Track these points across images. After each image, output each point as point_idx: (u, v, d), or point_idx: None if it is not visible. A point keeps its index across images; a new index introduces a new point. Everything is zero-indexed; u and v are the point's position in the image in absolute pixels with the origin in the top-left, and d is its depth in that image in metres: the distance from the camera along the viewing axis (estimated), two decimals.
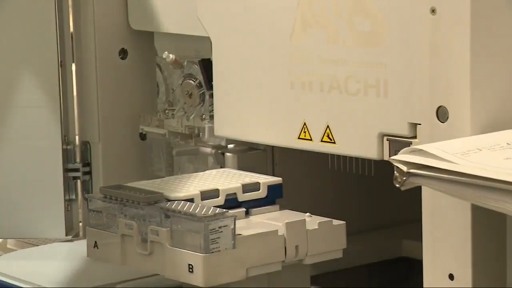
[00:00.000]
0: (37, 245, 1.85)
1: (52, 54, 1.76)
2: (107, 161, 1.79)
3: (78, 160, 1.81)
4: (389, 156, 1.39)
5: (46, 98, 1.78)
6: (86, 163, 1.81)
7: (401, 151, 1.26)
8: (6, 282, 1.61)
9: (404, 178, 1.21)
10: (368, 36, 1.42)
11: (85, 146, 1.80)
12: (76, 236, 1.81)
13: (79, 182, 1.81)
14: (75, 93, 1.80)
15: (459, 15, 1.30)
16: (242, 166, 1.63)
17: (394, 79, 1.40)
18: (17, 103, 1.81)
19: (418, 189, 1.29)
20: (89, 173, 1.80)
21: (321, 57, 1.48)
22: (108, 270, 1.53)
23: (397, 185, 1.23)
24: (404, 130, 1.40)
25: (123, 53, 1.78)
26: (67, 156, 1.80)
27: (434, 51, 1.34)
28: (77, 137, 1.81)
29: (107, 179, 1.75)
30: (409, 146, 1.33)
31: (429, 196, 1.35)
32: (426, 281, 1.37)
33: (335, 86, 1.47)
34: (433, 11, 1.33)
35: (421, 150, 1.22)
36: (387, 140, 1.42)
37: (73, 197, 1.81)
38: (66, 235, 1.79)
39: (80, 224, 1.81)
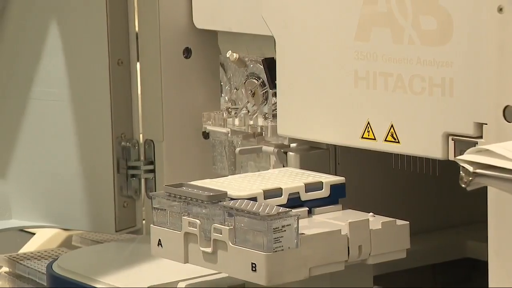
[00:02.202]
0: (101, 242, 1.84)
1: (106, 53, 1.78)
2: (170, 159, 1.79)
3: (141, 158, 1.81)
4: (454, 156, 1.38)
5: (100, 97, 1.80)
6: (150, 161, 1.80)
7: (467, 151, 1.22)
8: (70, 278, 1.60)
9: (470, 178, 1.18)
10: (434, 35, 1.40)
11: (149, 144, 1.81)
12: (138, 233, 1.83)
13: (142, 180, 1.81)
14: (139, 92, 1.81)
15: None
16: (305, 165, 1.61)
17: (460, 78, 1.38)
18: (72, 102, 1.83)
19: (483, 189, 1.25)
20: (152, 171, 1.81)
21: (385, 56, 1.46)
22: (171, 268, 1.51)
23: (463, 185, 1.20)
24: (470, 130, 1.37)
25: (187, 52, 1.78)
26: (129, 154, 1.82)
27: (501, 49, 1.31)
28: (141, 136, 1.82)
29: (171, 177, 1.75)
30: (475, 146, 1.32)
31: (495, 197, 1.33)
32: (491, 282, 1.35)
33: (400, 85, 1.45)
34: (500, 9, 1.31)
35: (488, 150, 1.19)
36: (452, 139, 1.40)
37: (132, 194, 1.83)
38: (116, 231, 1.82)
39: (144, 221, 1.83)
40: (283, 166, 1.63)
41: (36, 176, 1.88)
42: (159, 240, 1.46)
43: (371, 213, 1.46)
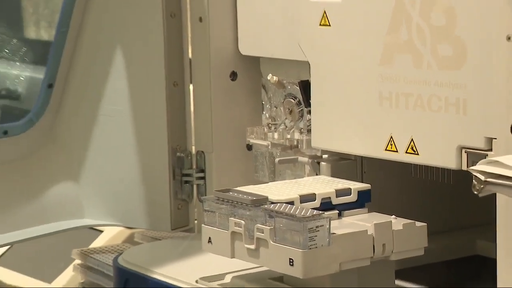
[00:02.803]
0: (159, 239, 1.83)
1: (163, 76, 1.77)
2: (219, 168, 1.77)
3: (194, 166, 1.79)
4: (467, 167, 1.35)
5: (158, 114, 1.79)
6: (201, 170, 1.78)
7: (479, 162, 1.21)
8: (133, 270, 1.60)
9: (482, 186, 1.16)
10: (450, 60, 1.37)
11: (200, 155, 1.79)
12: (190, 232, 1.81)
13: (194, 186, 1.79)
14: (192, 110, 1.79)
15: None
16: (335, 173, 1.58)
17: (473, 98, 1.35)
18: (135, 118, 1.82)
19: (492, 195, 1.22)
20: (203, 178, 1.79)
21: (407, 78, 1.43)
22: (219, 262, 1.49)
23: (475, 192, 1.18)
24: (481, 144, 1.34)
25: (233, 75, 1.76)
26: (183, 163, 1.80)
27: (510, 74, 1.29)
28: (193, 147, 1.80)
29: (219, 183, 1.73)
30: (485, 158, 1.28)
31: (503, 203, 1.30)
32: (499, 276, 1.32)
33: (419, 104, 1.42)
34: (509, 38, 1.28)
35: (497, 161, 1.17)
36: (465, 152, 1.37)
37: (185, 197, 1.81)
38: (172, 229, 1.80)
39: (195, 221, 1.80)
40: (316, 175, 1.61)
41: (104, 182, 1.87)
42: (209, 238, 1.44)
43: (393, 216, 1.43)
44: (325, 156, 1.60)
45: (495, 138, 1.32)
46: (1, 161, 1.84)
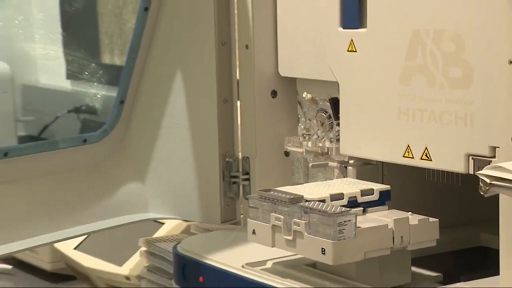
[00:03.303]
0: (211, 231, 1.81)
1: (215, 93, 1.75)
2: (261, 171, 1.75)
3: (240, 169, 1.77)
4: (474, 171, 1.33)
5: (211, 125, 1.77)
6: (246, 172, 1.76)
7: (485, 167, 1.18)
8: (189, 256, 1.59)
9: (487, 188, 1.14)
10: (459, 81, 1.35)
11: (246, 160, 1.76)
12: (237, 225, 1.78)
13: (240, 186, 1.77)
14: (239, 122, 1.77)
15: None
16: (360, 176, 1.56)
17: (479, 113, 1.33)
18: (191, 129, 1.81)
19: (495, 195, 1.20)
20: (248, 179, 1.76)
21: (422, 96, 1.41)
22: (261, 250, 1.47)
23: (482, 193, 1.16)
24: (486, 151, 1.32)
25: (274, 93, 1.74)
26: (231, 166, 1.77)
27: (510, 92, 1.27)
28: (240, 154, 1.78)
29: (261, 184, 1.71)
30: (489, 164, 1.26)
31: (505, 202, 1.28)
32: (502, 264, 1.30)
33: (432, 118, 1.39)
34: (510, 62, 1.26)
35: (501, 166, 1.15)
36: (472, 159, 1.34)
37: (233, 196, 1.78)
38: (221, 223, 1.78)
39: (241, 216, 1.78)
40: (344, 177, 1.58)
41: (165, 182, 1.85)
42: (253, 230, 1.42)
43: (410, 212, 1.40)
44: (351, 161, 1.57)
45: (498, 147, 1.30)
46: (81, 164, 1.84)
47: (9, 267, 2.32)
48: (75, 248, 2.10)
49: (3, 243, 1.68)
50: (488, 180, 1.13)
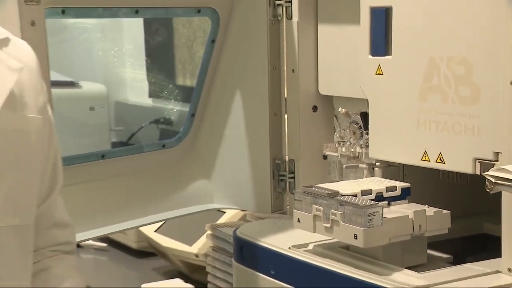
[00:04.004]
0: (263, 219, 1.78)
1: (267, 108, 1.74)
2: (304, 171, 1.72)
3: (287, 170, 1.74)
4: (480, 173, 1.30)
5: (264, 134, 1.76)
6: (292, 172, 1.74)
7: (490, 169, 1.16)
8: (246, 239, 1.57)
9: (493, 186, 1.12)
10: (468, 99, 1.32)
11: (291, 162, 1.73)
12: (284, 214, 1.76)
13: (287, 183, 1.74)
14: (286, 131, 1.75)
15: None
16: (385, 176, 1.53)
17: (484, 125, 1.30)
18: (247, 136, 1.80)
19: (498, 192, 1.17)
20: (293, 178, 1.73)
21: (437, 111, 1.37)
22: (304, 235, 1.44)
23: (487, 190, 1.13)
24: (490, 156, 1.29)
25: (315, 108, 1.70)
26: (279, 167, 1.75)
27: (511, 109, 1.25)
28: (287, 157, 1.75)
29: (304, 181, 1.68)
30: (493, 166, 1.24)
31: (507, 198, 1.24)
32: (503, 246, 1.27)
33: (445, 128, 1.36)
34: (511, 83, 1.23)
35: (504, 168, 1.13)
36: (478, 162, 1.31)
37: (281, 191, 1.76)
38: (271, 212, 1.76)
39: (288, 207, 1.76)
40: (372, 177, 1.55)
41: (227, 179, 1.85)
42: (298, 218, 1.40)
43: (426, 205, 1.37)
44: (378, 164, 1.54)
45: (501, 152, 1.26)
46: (160, 165, 1.85)
47: (105, 245, 2.35)
48: (155, 231, 2.11)
49: (101, 226, 1.69)
50: (493, 180, 1.11)
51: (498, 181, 1.11)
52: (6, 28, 1.25)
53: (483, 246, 1.48)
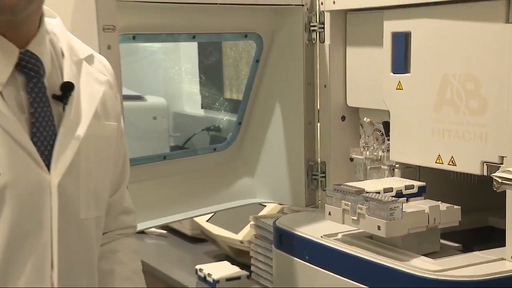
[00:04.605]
0: (298, 212, 1.76)
1: (302, 117, 1.72)
2: (334, 171, 1.70)
3: (319, 170, 1.73)
4: (487, 174, 1.27)
5: (299, 141, 1.74)
6: (323, 172, 1.72)
7: (497, 171, 1.14)
8: (284, 229, 1.56)
9: (499, 185, 1.11)
10: (477, 110, 1.30)
11: (323, 164, 1.72)
12: (316, 208, 1.74)
13: (319, 181, 1.73)
14: (318, 138, 1.73)
15: None
16: (403, 176, 1.51)
17: (491, 133, 1.28)
18: (286, 141, 1.78)
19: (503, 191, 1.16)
20: (324, 177, 1.72)
21: (450, 121, 1.36)
22: (334, 226, 1.43)
23: (494, 189, 1.11)
24: (496, 160, 1.27)
25: (343, 118, 1.68)
26: (312, 168, 1.73)
27: None
28: (319, 159, 1.73)
29: (334, 180, 1.67)
30: (498, 168, 1.22)
31: (511, 195, 1.22)
32: (508, 237, 1.24)
33: (457, 136, 1.34)
34: None
35: (509, 170, 1.11)
36: (486, 165, 1.29)
37: (314, 188, 1.74)
38: (306, 206, 1.75)
39: (319, 202, 1.75)
40: (392, 176, 1.54)
41: (268, 177, 1.83)
42: (329, 212, 1.39)
43: (440, 201, 1.35)
44: (397, 165, 1.52)
45: (505, 156, 1.24)
46: (211, 165, 1.84)
47: (165, 232, 2.35)
48: (207, 221, 2.11)
49: (162, 216, 1.69)
50: (500, 180, 1.10)
51: (504, 181, 1.09)
52: None
53: (488, 237, 1.45)
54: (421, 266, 1.24)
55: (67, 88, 1.05)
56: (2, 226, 0.97)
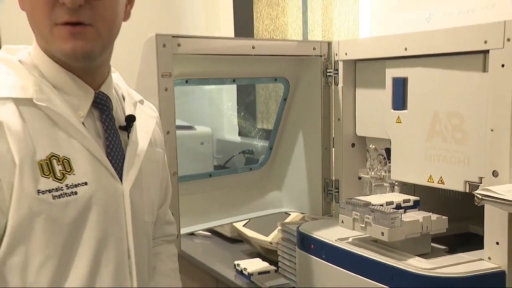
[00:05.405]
0: (316, 219, 1.77)
1: (320, 144, 1.72)
2: (346, 187, 1.69)
3: (333, 186, 1.72)
4: (469, 191, 1.27)
5: (318, 162, 1.71)
6: (337, 188, 1.70)
7: (478, 189, 1.13)
8: (306, 234, 1.55)
9: (479, 200, 1.10)
10: (460, 141, 1.30)
11: (337, 181, 1.70)
12: (331, 216, 1.74)
13: (333, 195, 1.72)
14: (333, 160, 1.72)
15: (504, 131, 1.17)
16: (402, 192, 1.50)
17: (472, 158, 1.27)
18: (301, 163, 1.75)
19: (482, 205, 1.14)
20: (338, 192, 1.71)
21: (439, 148, 1.35)
22: (345, 232, 1.42)
23: (476, 203, 1.10)
24: (476, 179, 1.26)
25: (353, 145, 1.68)
26: (328, 184, 1.73)
27: (491, 147, 1.20)
28: (333, 177, 1.72)
29: (346, 195, 1.66)
30: (478, 187, 1.22)
31: (489, 208, 1.21)
32: (485, 241, 1.24)
33: (445, 160, 1.34)
34: (492, 130, 1.20)
35: (487, 189, 1.10)
36: (468, 184, 1.29)
37: (329, 201, 1.74)
38: (322, 215, 1.74)
39: (333, 211, 1.74)
40: (392, 192, 1.53)
41: (293, 191, 1.82)
42: (342, 220, 1.39)
43: (431, 213, 1.35)
44: (396, 183, 1.52)
45: (484, 177, 1.24)
46: (247, 181, 1.84)
47: (209, 234, 2.34)
48: (243, 226, 2.10)
49: (207, 222, 1.71)
50: (480, 197, 1.10)
51: (483, 198, 1.09)
52: (149, 92, 1.31)
53: (469, 241, 1.45)
54: (416, 264, 1.24)
55: (130, 120, 1.11)
56: (92, 224, 0.99)
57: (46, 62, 0.98)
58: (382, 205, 1.35)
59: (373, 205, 1.34)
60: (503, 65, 1.17)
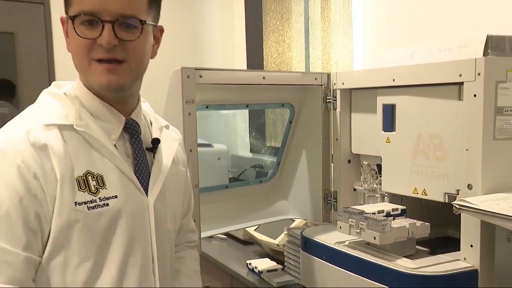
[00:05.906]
0: (317, 225, 1.78)
1: (321, 160, 1.71)
2: (343, 198, 1.70)
3: (332, 197, 1.72)
4: (447, 201, 1.28)
5: (318, 177, 1.72)
6: (335, 198, 1.71)
7: (456, 200, 1.15)
8: (309, 238, 1.56)
9: (457, 210, 1.12)
10: (441, 158, 1.32)
11: (335, 192, 1.71)
12: (330, 223, 1.74)
13: (332, 204, 1.73)
14: (332, 174, 1.73)
15: (477, 150, 1.19)
16: (391, 202, 1.52)
17: (451, 174, 1.29)
18: (309, 177, 1.75)
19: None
20: (336, 201, 1.71)
21: (422, 164, 1.37)
22: (342, 236, 1.43)
23: (454, 212, 1.13)
24: (454, 192, 1.28)
25: (349, 161, 1.69)
26: (328, 195, 1.73)
27: (467, 164, 1.22)
28: (332, 188, 1.73)
29: (343, 204, 1.67)
30: (456, 198, 1.22)
31: (464, 216, 1.23)
32: (462, 244, 1.25)
33: (427, 175, 1.35)
34: (467, 149, 1.22)
35: (464, 199, 1.13)
36: (447, 195, 1.30)
37: (329, 209, 1.74)
38: (323, 221, 1.73)
39: (332, 218, 1.74)
40: (383, 202, 1.54)
41: (297, 201, 1.82)
42: (340, 226, 1.40)
43: (416, 220, 1.36)
44: (386, 194, 1.53)
45: (461, 189, 1.25)
46: (258, 192, 1.84)
47: (225, 237, 2.32)
48: (254, 230, 2.10)
49: (224, 227, 1.72)
50: (458, 206, 1.12)
51: (460, 207, 1.12)
52: (175, 116, 1.34)
53: (448, 244, 1.46)
54: (403, 264, 1.26)
55: (156, 142, 1.14)
56: (121, 231, 1.01)
57: (85, 94, 1.02)
58: (374, 213, 1.37)
59: (366, 213, 1.36)
60: (475, 95, 1.20)
